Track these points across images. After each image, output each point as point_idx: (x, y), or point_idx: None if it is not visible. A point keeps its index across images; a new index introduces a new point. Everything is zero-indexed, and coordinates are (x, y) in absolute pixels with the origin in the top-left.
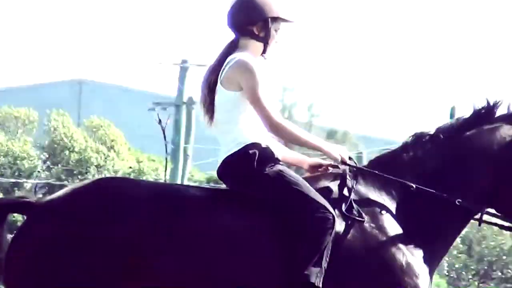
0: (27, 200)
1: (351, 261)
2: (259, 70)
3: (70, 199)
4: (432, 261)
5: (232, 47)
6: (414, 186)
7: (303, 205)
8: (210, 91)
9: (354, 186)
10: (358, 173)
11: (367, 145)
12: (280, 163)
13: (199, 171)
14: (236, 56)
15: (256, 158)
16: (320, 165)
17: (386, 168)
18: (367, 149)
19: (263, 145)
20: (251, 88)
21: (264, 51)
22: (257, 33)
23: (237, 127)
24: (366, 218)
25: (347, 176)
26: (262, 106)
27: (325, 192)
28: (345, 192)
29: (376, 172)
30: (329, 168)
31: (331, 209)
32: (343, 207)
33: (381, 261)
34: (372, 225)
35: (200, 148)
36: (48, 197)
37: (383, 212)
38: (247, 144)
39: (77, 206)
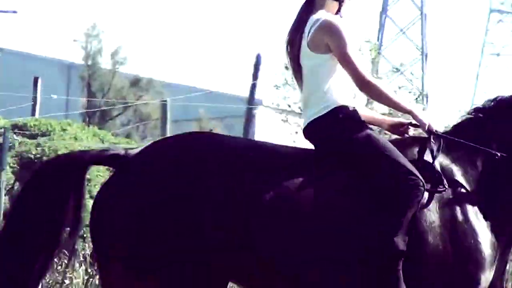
0: (114, 152)
1: (424, 230)
2: (346, 29)
3: (163, 152)
4: (504, 235)
5: (309, 8)
6: (498, 154)
7: (394, 171)
8: (296, 55)
9: (437, 155)
10: (442, 141)
11: (171, 94)
12: (369, 127)
13: (3, 118)
14: (320, 16)
15: (346, 121)
16: (401, 125)
17: (469, 136)
18: (171, 97)
19: (351, 108)
20: (341, 47)
21: (339, 10)
22: None
23: (326, 90)
24: (446, 188)
25: (431, 144)
26: (353, 65)
27: (410, 159)
28: (429, 160)
29: (462, 141)
30: (409, 127)
31: (420, 176)
32: (426, 175)
33: (452, 235)
34: (450, 196)
35: (2, 95)
36: (138, 150)
37: (463, 183)
38: (336, 107)
39: (171, 161)
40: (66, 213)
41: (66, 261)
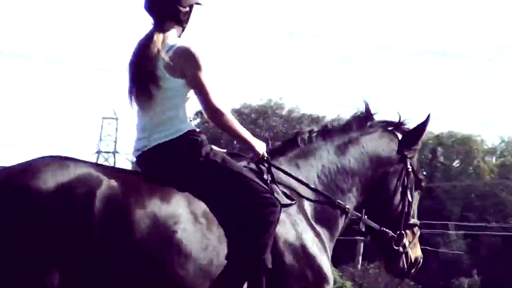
0: None
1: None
2: (203, 55)
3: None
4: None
5: (159, 31)
6: (312, 187)
7: (253, 191)
8: (146, 73)
9: (270, 178)
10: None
11: None
12: (217, 151)
13: None
14: (175, 42)
15: (202, 144)
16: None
17: (296, 164)
18: None
19: (201, 133)
20: (194, 73)
21: (179, 36)
22: (182, 18)
23: (179, 114)
24: (295, 201)
25: (266, 169)
26: (204, 89)
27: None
28: (266, 180)
29: (288, 172)
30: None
31: (273, 195)
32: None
33: (296, 252)
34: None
35: None
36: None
37: (294, 202)
38: (189, 130)
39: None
40: None
41: None
